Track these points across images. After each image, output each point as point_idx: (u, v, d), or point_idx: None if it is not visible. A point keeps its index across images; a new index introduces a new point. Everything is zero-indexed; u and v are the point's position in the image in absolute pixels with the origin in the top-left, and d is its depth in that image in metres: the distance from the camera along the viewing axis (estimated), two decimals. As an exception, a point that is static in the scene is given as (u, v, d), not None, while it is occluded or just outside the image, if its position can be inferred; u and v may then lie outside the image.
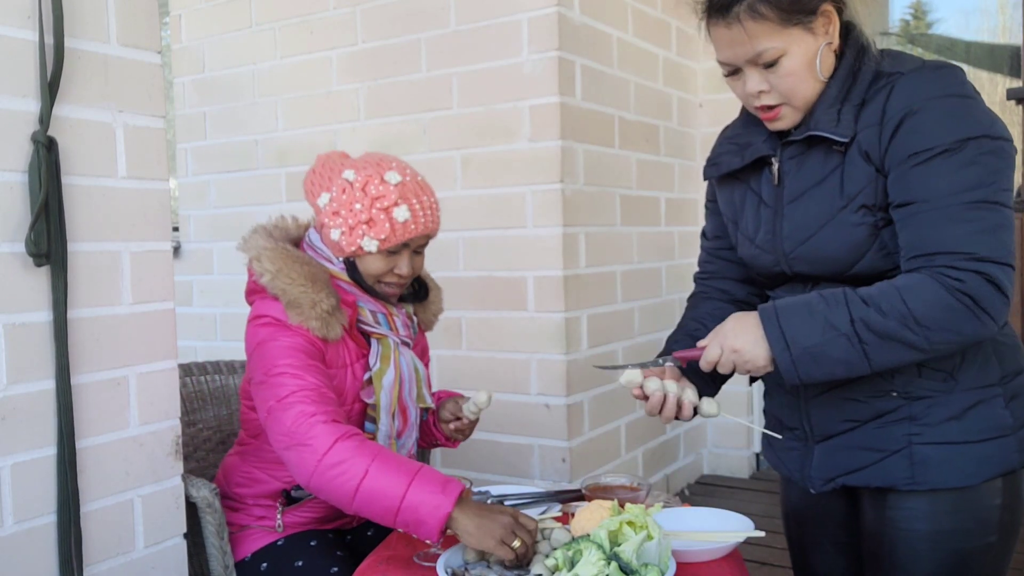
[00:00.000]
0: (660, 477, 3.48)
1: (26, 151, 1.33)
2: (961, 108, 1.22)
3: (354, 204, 1.58)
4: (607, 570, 1.18)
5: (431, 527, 1.35)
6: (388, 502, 1.37)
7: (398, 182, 1.59)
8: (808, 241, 1.33)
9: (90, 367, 1.42)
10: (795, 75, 1.28)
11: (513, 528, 1.33)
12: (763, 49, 1.27)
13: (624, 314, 3.22)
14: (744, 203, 1.45)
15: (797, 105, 1.31)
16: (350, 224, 1.58)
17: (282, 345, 1.53)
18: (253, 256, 1.61)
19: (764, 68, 1.29)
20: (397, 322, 1.71)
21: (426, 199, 1.63)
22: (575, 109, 2.89)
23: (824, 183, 1.31)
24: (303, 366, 1.51)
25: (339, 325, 1.58)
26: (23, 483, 1.33)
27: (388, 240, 1.58)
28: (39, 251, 1.31)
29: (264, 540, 1.69)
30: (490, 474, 2.98)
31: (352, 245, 1.59)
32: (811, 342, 1.23)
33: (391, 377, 1.66)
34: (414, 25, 3.07)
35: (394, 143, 3.13)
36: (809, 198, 1.33)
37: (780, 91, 1.30)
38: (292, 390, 1.48)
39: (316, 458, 1.41)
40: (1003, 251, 1.19)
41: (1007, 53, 3.43)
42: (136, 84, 1.49)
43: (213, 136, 3.69)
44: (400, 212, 1.57)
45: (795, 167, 1.35)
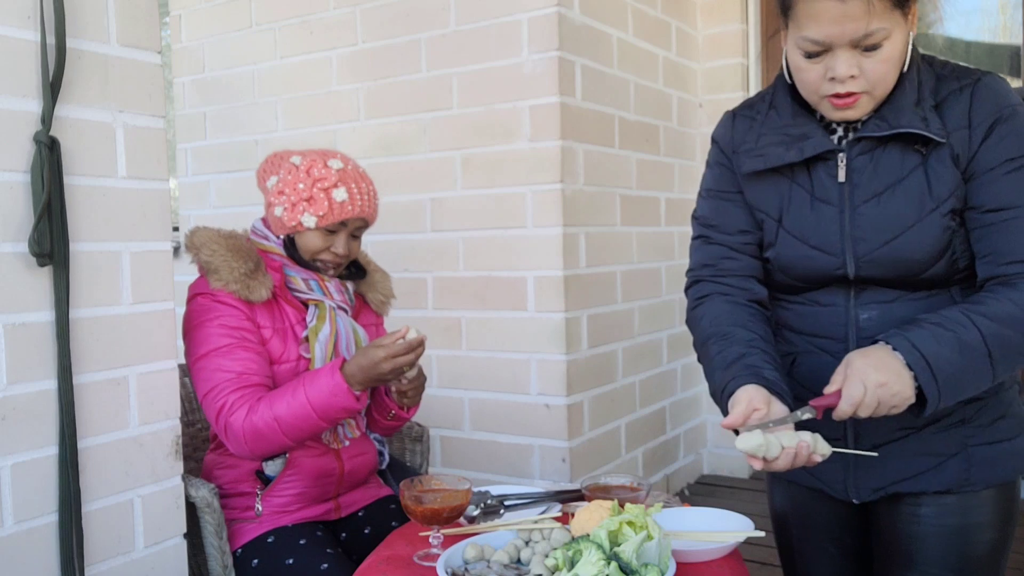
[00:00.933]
0: (660, 477, 3.48)
1: (28, 151, 1.33)
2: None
3: (297, 184, 1.73)
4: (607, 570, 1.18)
5: (348, 403, 1.62)
6: (309, 420, 1.62)
7: (339, 168, 1.75)
8: (891, 243, 1.26)
9: (90, 367, 1.42)
10: (890, 62, 1.21)
11: (394, 364, 1.60)
12: (876, 28, 1.17)
13: (624, 314, 3.22)
14: (790, 200, 1.34)
15: (878, 95, 1.24)
16: (292, 201, 1.73)
17: (208, 331, 1.68)
18: (188, 243, 1.77)
19: (862, 51, 1.20)
20: (330, 287, 1.82)
21: (364, 186, 1.78)
22: (575, 109, 2.89)
23: (906, 183, 1.25)
24: (226, 350, 1.66)
25: (263, 287, 1.71)
26: (23, 483, 1.33)
27: (326, 217, 1.72)
28: (42, 251, 1.32)
29: (252, 533, 1.72)
30: (490, 474, 2.98)
31: (293, 220, 1.74)
32: (953, 367, 1.17)
33: (326, 331, 1.77)
34: (414, 25, 3.07)
35: (394, 143, 3.13)
36: (890, 198, 1.26)
37: (870, 78, 1.21)
38: (212, 384, 1.65)
39: (240, 441, 1.63)
40: None
41: (1007, 53, 3.43)
42: (136, 84, 1.49)
43: (213, 136, 3.69)
44: (339, 193, 1.73)
45: (868, 164, 1.27)
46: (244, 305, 1.70)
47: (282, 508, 1.75)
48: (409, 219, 3.12)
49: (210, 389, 1.65)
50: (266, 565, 1.66)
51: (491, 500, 1.64)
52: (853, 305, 1.31)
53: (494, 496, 1.67)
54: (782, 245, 1.35)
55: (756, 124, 1.39)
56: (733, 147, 1.41)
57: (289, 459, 1.74)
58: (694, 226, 1.48)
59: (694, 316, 1.44)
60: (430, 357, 3.09)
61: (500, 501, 1.64)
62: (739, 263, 1.41)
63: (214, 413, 1.65)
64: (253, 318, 1.72)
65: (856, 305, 1.31)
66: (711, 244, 1.44)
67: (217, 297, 1.70)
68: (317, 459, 1.76)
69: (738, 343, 1.32)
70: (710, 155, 1.48)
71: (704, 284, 1.44)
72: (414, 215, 3.11)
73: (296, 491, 1.76)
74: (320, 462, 1.77)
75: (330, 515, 1.82)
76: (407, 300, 3.03)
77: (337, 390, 1.61)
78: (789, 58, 1.28)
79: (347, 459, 1.81)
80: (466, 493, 1.46)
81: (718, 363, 1.32)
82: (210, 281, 1.70)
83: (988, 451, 1.31)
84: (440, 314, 3.07)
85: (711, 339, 1.36)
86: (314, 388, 1.62)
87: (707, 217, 1.45)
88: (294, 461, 1.74)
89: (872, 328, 1.29)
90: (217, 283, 1.69)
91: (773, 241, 1.36)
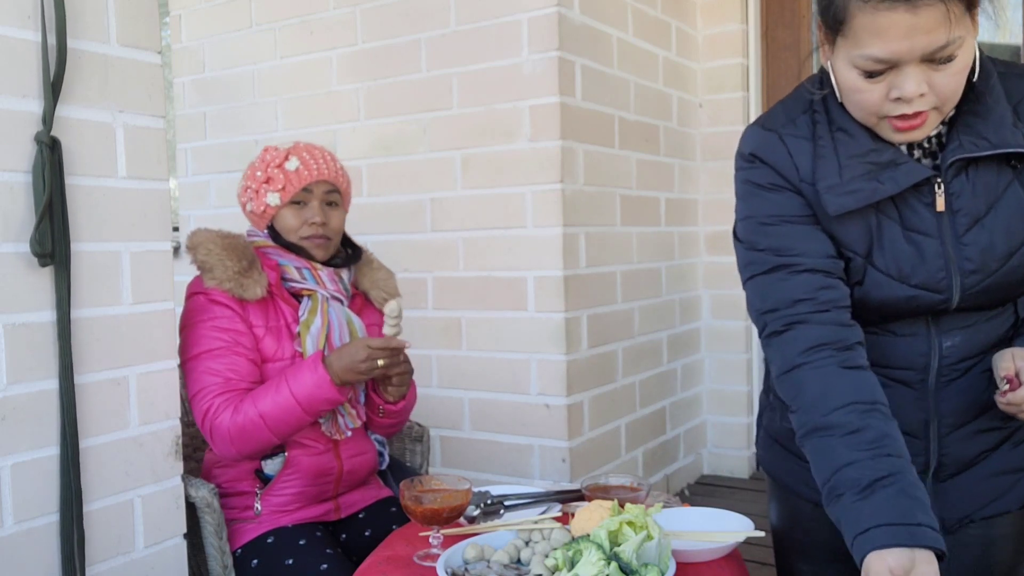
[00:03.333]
0: (660, 477, 3.48)
1: (29, 151, 1.33)
2: None
3: (255, 172, 1.84)
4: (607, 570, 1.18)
5: (331, 395, 1.65)
6: (294, 414, 1.64)
7: (288, 146, 1.84)
8: (1001, 269, 1.14)
9: (90, 367, 1.42)
10: (962, 73, 1.06)
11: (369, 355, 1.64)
12: (953, 38, 1.02)
13: (624, 314, 3.22)
14: (880, 234, 1.17)
15: (947, 110, 1.10)
16: (255, 189, 1.82)
17: (199, 332, 1.70)
18: (188, 241, 1.80)
19: (933, 64, 1.04)
20: (322, 275, 1.83)
21: (317, 152, 1.84)
22: (575, 109, 2.89)
23: (1004, 202, 1.13)
24: (216, 353, 1.69)
25: (257, 286, 1.73)
26: (23, 483, 1.33)
27: (286, 189, 1.79)
28: (43, 251, 1.32)
29: (251, 533, 1.72)
30: (490, 474, 2.98)
31: (261, 206, 1.81)
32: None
33: (317, 324, 1.78)
34: (414, 25, 3.07)
35: (394, 143, 3.13)
36: (994, 221, 1.13)
37: (940, 93, 1.06)
38: (200, 386, 1.68)
39: (226, 442, 1.66)
40: None
41: (1007, 53, 3.43)
42: (136, 84, 1.49)
43: (213, 136, 3.69)
44: (291, 163, 1.80)
45: (967, 188, 1.14)
46: (237, 304, 1.72)
47: (281, 508, 1.75)
48: (409, 219, 3.12)
49: (198, 391, 1.69)
50: (266, 565, 1.66)
51: (491, 500, 1.64)
52: (934, 333, 1.20)
53: (494, 496, 1.67)
54: (872, 284, 1.18)
55: (826, 151, 1.18)
56: (801, 177, 1.19)
57: (288, 458, 1.73)
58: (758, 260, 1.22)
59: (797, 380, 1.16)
60: (430, 357, 3.09)
61: (500, 501, 1.64)
62: (840, 292, 1.18)
63: (200, 415, 1.68)
64: (246, 318, 1.73)
65: (938, 333, 1.20)
66: (800, 274, 1.18)
67: (211, 296, 1.72)
68: (316, 457, 1.76)
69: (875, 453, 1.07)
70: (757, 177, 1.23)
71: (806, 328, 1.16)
72: (414, 215, 3.11)
73: (295, 490, 1.76)
74: (319, 460, 1.77)
75: (330, 516, 1.82)
76: (407, 300, 3.02)
77: (320, 381, 1.64)
78: (839, 77, 1.11)
79: (346, 458, 1.81)
80: (466, 493, 1.46)
81: (851, 481, 1.06)
82: (204, 280, 1.73)
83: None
84: (440, 314, 3.07)
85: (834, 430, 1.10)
86: (297, 381, 1.65)
87: (783, 246, 1.19)
88: (293, 460, 1.74)
89: (955, 355, 1.20)
90: (211, 281, 1.72)
91: (861, 280, 1.19)
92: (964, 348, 1.20)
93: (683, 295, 3.66)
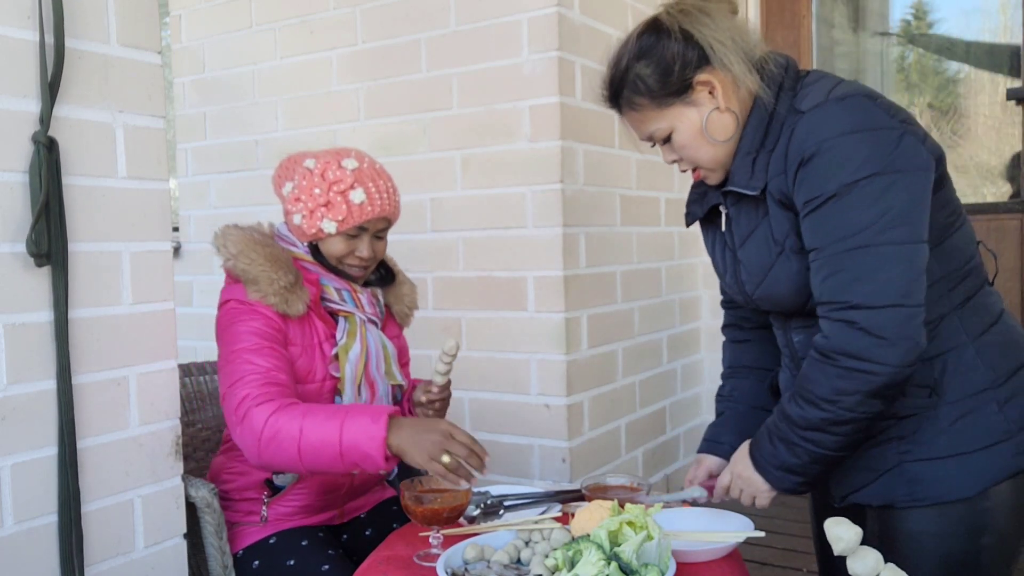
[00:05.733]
0: (660, 477, 3.48)
1: (26, 151, 1.33)
2: (852, 147, 1.21)
3: (313, 189, 1.67)
4: (607, 570, 1.18)
5: (375, 458, 1.44)
6: (330, 450, 1.45)
7: (355, 167, 1.68)
8: (761, 285, 1.38)
9: (90, 367, 1.42)
10: (688, 146, 1.38)
11: (443, 444, 1.41)
12: (652, 131, 1.41)
13: (624, 314, 3.22)
14: (714, 245, 1.52)
15: (707, 168, 1.40)
16: (310, 208, 1.67)
17: (238, 331, 1.60)
18: (220, 244, 1.69)
19: (664, 143, 1.41)
20: (362, 299, 1.77)
21: (382, 183, 1.71)
22: (575, 109, 2.89)
23: (758, 231, 1.36)
24: (255, 349, 1.58)
25: (300, 302, 1.65)
26: (23, 483, 1.32)
27: (346, 221, 1.66)
28: (40, 251, 1.31)
29: (254, 536, 1.71)
30: (490, 474, 2.97)
31: (312, 227, 1.68)
32: (778, 461, 1.33)
33: (357, 350, 1.72)
34: (414, 25, 3.07)
35: (394, 143, 3.13)
36: (751, 245, 1.38)
37: (685, 159, 1.41)
38: (239, 376, 1.55)
39: (256, 435, 1.49)
40: (876, 295, 1.18)
41: (1007, 53, 3.43)
42: (136, 84, 1.49)
43: (213, 136, 3.69)
44: (356, 194, 1.66)
45: (737, 215, 1.41)
46: (279, 317, 1.64)
47: (287, 516, 1.73)
48: (409, 219, 3.12)
49: (237, 379, 1.55)
50: (267, 566, 1.66)
51: (491, 500, 1.64)
52: (787, 329, 1.43)
53: (494, 496, 1.67)
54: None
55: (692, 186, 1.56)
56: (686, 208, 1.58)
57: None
58: None
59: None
60: (430, 357, 3.08)
61: (500, 501, 1.64)
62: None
63: (236, 401, 1.53)
64: (286, 332, 1.65)
65: (788, 330, 1.43)
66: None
67: (253, 306, 1.63)
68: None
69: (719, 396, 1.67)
70: None
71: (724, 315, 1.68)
72: (414, 215, 3.11)
73: (302, 503, 1.74)
74: (332, 477, 1.74)
75: (334, 520, 1.81)
76: (407, 300, 3.03)
77: (374, 436, 1.43)
78: None
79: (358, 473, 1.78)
80: (466, 493, 1.46)
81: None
82: (248, 292, 1.62)
83: (925, 468, 1.30)
84: (440, 314, 3.07)
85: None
86: (353, 421, 1.46)
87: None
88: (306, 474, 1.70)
89: (802, 348, 1.39)
90: (255, 295, 1.62)
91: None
92: (808, 343, 1.34)
93: (683, 295, 3.66)
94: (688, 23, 1.33)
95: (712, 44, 1.31)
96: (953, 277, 1.30)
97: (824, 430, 1.26)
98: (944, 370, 1.29)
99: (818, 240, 1.24)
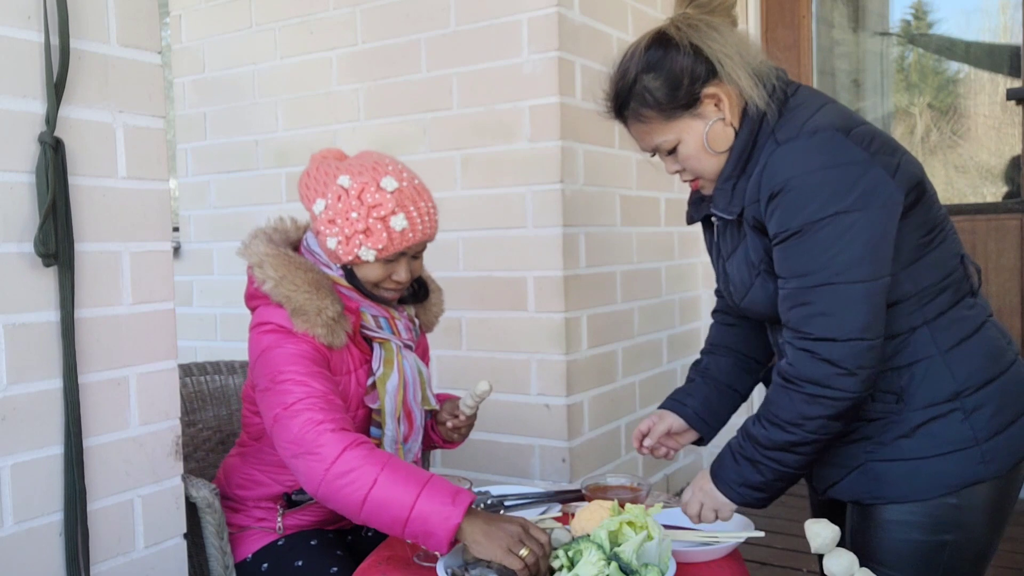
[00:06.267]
0: (660, 477, 3.48)
1: (32, 152, 1.33)
2: (816, 186, 1.24)
3: (350, 213, 1.54)
4: (607, 570, 1.18)
5: (440, 538, 1.33)
6: (397, 512, 1.35)
7: (395, 189, 1.55)
8: (744, 299, 1.43)
9: (91, 367, 1.42)
10: (693, 158, 1.40)
11: (521, 537, 1.31)
12: (657, 143, 1.41)
13: (624, 314, 3.22)
14: (712, 247, 1.55)
15: (709, 179, 1.42)
16: (347, 234, 1.54)
17: (287, 352, 1.51)
18: (255, 263, 1.58)
19: (669, 155, 1.42)
20: (399, 325, 1.70)
21: (423, 205, 1.59)
22: (575, 109, 2.89)
23: (739, 250, 1.41)
24: (309, 372, 1.49)
25: (343, 332, 1.56)
26: (24, 483, 1.33)
27: (386, 249, 1.55)
28: (47, 251, 1.32)
29: (264, 540, 1.69)
30: (490, 474, 2.98)
31: (349, 255, 1.56)
32: (740, 478, 1.38)
33: (395, 381, 1.64)
34: (414, 25, 3.07)
35: (394, 143, 3.13)
36: (734, 262, 1.43)
37: (689, 170, 1.43)
38: (299, 397, 1.45)
39: (324, 467, 1.38)
40: (839, 329, 1.24)
41: (1007, 53, 3.43)
42: (136, 84, 1.49)
43: (213, 136, 3.69)
44: (397, 221, 1.54)
45: (724, 229, 1.46)
46: (324, 349, 1.55)
47: (298, 527, 1.72)
48: (409, 219, 3.12)
49: (295, 402, 1.45)
50: (275, 567, 1.65)
51: (491, 500, 1.64)
52: (774, 331, 1.48)
53: (494, 496, 1.67)
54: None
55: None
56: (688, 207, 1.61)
57: None
58: None
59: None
60: (430, 357, 3.08)
61: (500, 501, 1.64)
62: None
63: (301, 422, 1.43)
64: (329, 362, 1.57)
65: (774, 332, 1.48)
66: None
67: (296, 335, 1.53)
68: None
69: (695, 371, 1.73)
70: None
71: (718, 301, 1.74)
72: (414, 215, 3.11)
73: (317, 518, 1.72)
74: None
75: (346, 526, 1.79)
76: (407, 300, 3.03)
77: (449, 516, 1.33)
78: None
79: None
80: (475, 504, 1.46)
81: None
82: (295, 323, 1.53)
83: (888, 468, 1.35)
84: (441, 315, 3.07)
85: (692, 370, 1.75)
86: (432, 494, 1.35)
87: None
88: None
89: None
90: (303, 326, 1.52)
91: None
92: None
93: (683, 295, 3.66)
94: (697, 37, 1.35)
95: (720, 59, 1.33)
96: (928, 293, 1.33)
97: (788, 450, 1.32)
98: (911, 379, 1.33)
99: (784, 271, 1.30)
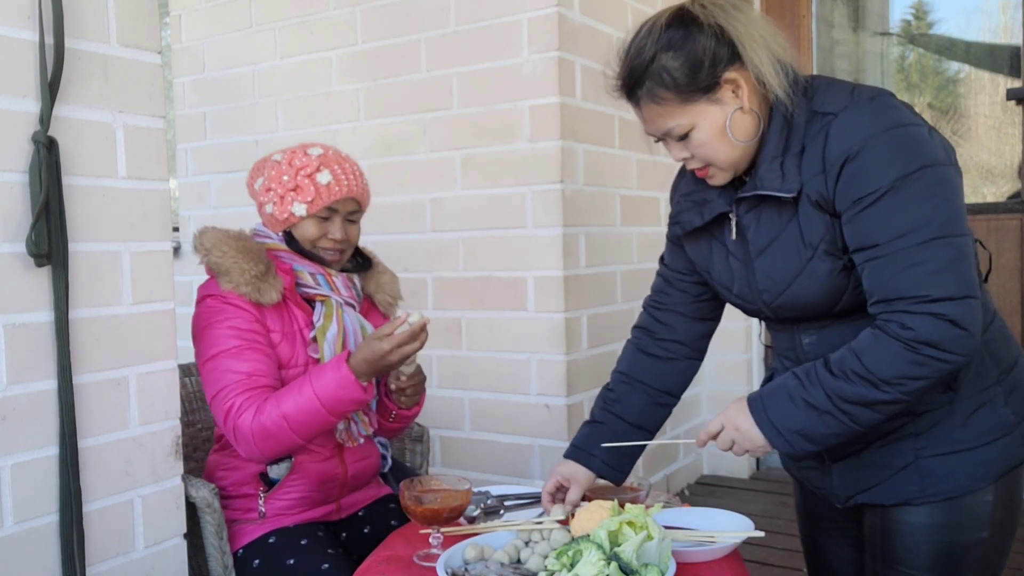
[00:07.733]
0: (660, 477, 3.48)
1: (26, 151, 1.33)
2: (897, 142, 1.20)
3: (282, 176, 1.75)
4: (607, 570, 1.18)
5: (356, 394, 1.59)
6: (316, 415, 1.59)
7: (320, 153, 1.77)
8: (786, 292, 1.34)
9: (90, 367, 1.42)
10: (707, 144, 1.31)
11: (392, 352, 1.57)
12: (670, 127, 1.32)
13: (624, 314, 3.22)
14: (712, 254, 1.46)
15: (721, 167, 1.34)
16: (280, 194, 1.75)
17: (217, 333, 1.67)
18: (197, 241, 1.75)
19: (679, 140, 1.33)
20: (337, 282, 1.81)
21: (348, 166, 1.79)
22: (575, 109, 2.89)
23: (784, 235, 1.32)
24: (236, 353, 1.65)
25: (273, 290, 1.70)
26: (23, 483, 1.33)
27: (315, 202, 1.73)
28: (40, 251, 1.31)
29: (254, 533, 1.72)
30: (490, 474, 2.98)
31: (284, 212, 1.75)
32: (798, 425, 1.27)
33: (334, 331, 1.76)
34: (414, 25, 3.07)
35: (394, 143, 3.13)
36: (775, 251, 1.34)
37: (699, 157, 1.34)
38: (221, 386, 1.64)
39: (249, 441, 1.61)
40: (958, 286, 1.17)
41: (1007, 53, 3.43)
42: (136, 84, 1.49)
43: (213, 136, 3.69)
44: (323, 176, 1.74)
45: (754, 221, 1.36)
46: (254, 308, 1.69)
47: (284, 511, 1.75)
48: (409, 219, 3.12)
49: (219, 391, 1.64)
50: (267, 565, 1.66)
51: (491, 500, 1.64)
52: (796, 332, 1.41)
53: (494, 496, 1.67)
54: (720, 295, 1.51)
55: (678, 190, 1.53)
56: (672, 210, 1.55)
57: (294, 463, 1.73)
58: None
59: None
60: (430, 357, 3.09)
61: (500, 501, 1.64)
62: (674, 298, 1.59)
63: (222, 415, 1.63)
64: (263, 321, 1.70)
65: (798, 331, 1.40)
66: (659, 277, 1.64)
67: (227, 299, 1.68)
68: (322, 463, 1.76)
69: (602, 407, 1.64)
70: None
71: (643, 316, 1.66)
72: (414, 215, 3.11)
73: (299, 495, 1.75)
74: (325, 466, 1.76)
75: (331, 516, 1.82)
76: (407, 300, 3.02)
77: (344, 382, 1.58)
78: None
79: (351, 463, 1.81)
80: (466, 493, 1.46)
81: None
82: (220, 283, 1.69)
83: (940, 462, 1.31)
84: (440, 314, 3.07)
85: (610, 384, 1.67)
86: (321, 382, 1.59)
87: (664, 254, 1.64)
88: (299, 465, 1.73)
89: (813, 350, 1.37)
90: (227, 285, 1.68)
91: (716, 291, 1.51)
92: (821, 346, 1.35)
93: (683, 295, 3.66)
94: (724, 18, 1.28)
95: (745, 42, 1.27)
96: None
97: (870, 407, 1.23)
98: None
99: (876, 236, 1.21)
